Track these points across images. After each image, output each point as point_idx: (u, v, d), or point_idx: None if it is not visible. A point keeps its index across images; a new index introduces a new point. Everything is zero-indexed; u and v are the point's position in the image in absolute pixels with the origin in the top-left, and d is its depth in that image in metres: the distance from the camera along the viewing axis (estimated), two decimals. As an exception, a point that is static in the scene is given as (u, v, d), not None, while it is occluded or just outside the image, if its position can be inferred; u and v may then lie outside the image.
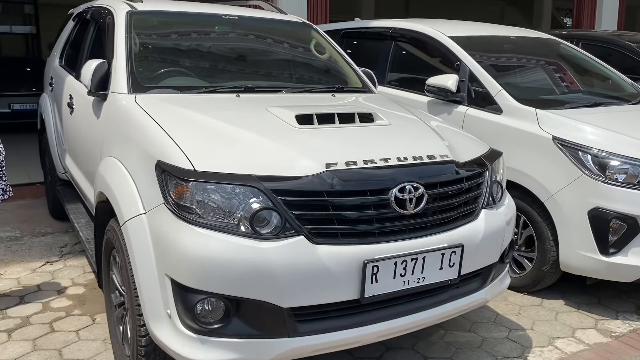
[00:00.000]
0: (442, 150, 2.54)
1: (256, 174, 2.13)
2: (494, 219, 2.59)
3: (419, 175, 2.36)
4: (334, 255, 2.13)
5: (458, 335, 3.22)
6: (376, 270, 2.19)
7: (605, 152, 3.36)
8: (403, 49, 4.94)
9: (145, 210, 2.25)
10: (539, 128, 3.63)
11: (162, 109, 2.66)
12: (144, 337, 2.33)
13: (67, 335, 3.16)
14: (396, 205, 2.27)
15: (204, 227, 2.08)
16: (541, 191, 3.55)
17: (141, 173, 2.35)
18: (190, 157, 2.18)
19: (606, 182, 3.29)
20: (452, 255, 2.37)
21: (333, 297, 2.16)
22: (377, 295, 2.22)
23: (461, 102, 4.17)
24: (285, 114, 2.62)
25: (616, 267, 3.29)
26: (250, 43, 3.64)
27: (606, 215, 3.27)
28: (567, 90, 4.44)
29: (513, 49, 4.68)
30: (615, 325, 3.36)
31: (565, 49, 4.98)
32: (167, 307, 2.15)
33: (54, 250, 4.44)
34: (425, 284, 2.34)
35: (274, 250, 2.06)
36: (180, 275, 2.07)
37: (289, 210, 2.11)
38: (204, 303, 2.07)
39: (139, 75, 3.03)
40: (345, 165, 2.25)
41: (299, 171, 2.19)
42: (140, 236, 2.23)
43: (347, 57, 3.91)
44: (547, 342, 3.14)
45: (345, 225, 2.19)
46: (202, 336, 2.09)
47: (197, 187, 2.10)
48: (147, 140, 2.41)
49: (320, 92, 3.35)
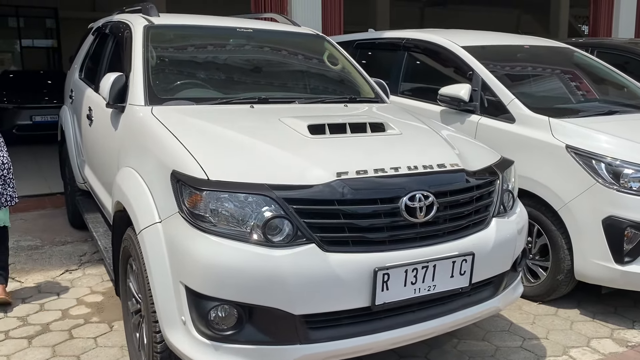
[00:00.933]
0: (452, 159, 2.57)
1: (268, 183, 2.18)
2: (505, 227, 2.60)
3: (430, 184, 2.38)
4: (345, 263, 2.16)
5: (471, 344, 3.22)
6: (387, 278, 2.21)
7: (619, 160, 3.35)
8: (416, 59, 4.98)
9: (161, 219, 2.31)
10: (552, 137, 3.63)
11: (177, 120, 2.73)
12: (159, 344, 2.38)
13: (86, 342, 3.22)
14: (407, 213, 2.29)
15: (218, 235, 2.13)
16: (555, 200, 3.54)
17: (157, 183, 2.41)
18: (204, 167, 2.23)
19: (620, 190, 3.28)
20: (463, 263, 2.39)
21: (344, 304, 2.19)
22: (388, 303, 2.25)
23: (474, 111, 4.18)
24: (297, 124, 2.66)
25: (631, 276, 3.27)
26: (264, 55, 3.71)
27: (621, 224, 3.25)
28: (581, 99, 4.43)
29: (526, 58, 4.69)
30: (631, 335, 3.33)
31: (580, 57, 4.97)
32: (181, 313, 2.19)
33: (73, 259, 4.53)
34: (436, 292, 2.36)
35: (286, 258, 2.10)
36: (194, 283, 2.11)
37: (300, 218, 2.15)
38: (217, 310, 2.12)
39: (156, 88, 3.11)
40: (356, 174, 2.29)
41: (310, 180, 2.23)
42: (155, 244, 2.29)
43: (359, 68, 3.95)
44: (561, 352, 3.13)
45: (356, 233, 2.22)
46: (216, 342, 2.13)
47: (210, 196, 2.15)
48: (163, 151, 2.47)
49: (332, 102, 3.39)
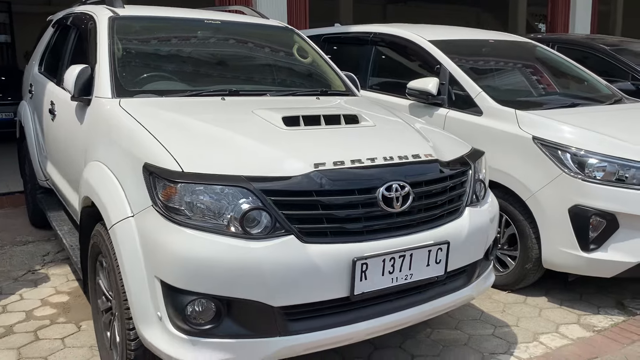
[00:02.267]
0: (426, 150, 2.59)
1: (245, 175, 2.15)
2: (478, 216, 2.64)
3: (405, 174, 2.39)
4: (324, 254, 2.15)
5: (444, 333, 3.26)
6: (365, 267, 2.21)
7: (583, 150, 3.44)
8: (384, 54, 5.00)
9: (133, 213, 2.25)
10: (519, 128, 3.70)
11: (147, 112, 2.67)
12: (133, 341, 2.32)
13: (53, 343, 3.12)
14: (383, 203, 2.30)
15: (194, 228, 2.09)
16: (522, 190, 3.62)
17: (128, 176, 2.35)
18: (178, 159, 2.18)
19: (585, 180, 3.37)
20: (438, 252, 2.41)
21: (323, 295, 2.18)
22: (366, 292, 2.25)
23: (442, 104, 4.23)
24: (271, 116, 2.64)
25: (597, 262, 3.37)
26: (233, 47, 3.66)
27: (586, 212, 3.35)
28: (544, 92, 4.53)
29: (491, 52, 4.77)
30: (597, 320, 3.43)
31: (542, 52, 5.09)
32: (157, 309, 2.14)
33: (36, 259, 4.38)
34: (413, 280, 2.38)
35: (265, 250, 2.07)
36: (170, 277, 2.07)
37: (278, 210, 2.13)
38: (194, 304, 2.08)
39: (123, 80, 3.03)
40: (333, 165, 2.28)
41: (288, 171, 2.21)
42: (128, 239, 2.22)
43: (329, 61, 3.95)
44: (532, 338, 3.20)
45: (335, 224, 2.21)
46: (193, 337, 2.09)
47: (185, 188, 2.11)
48: (133, 143, 2.41)
49: (304, 95, 3.38)
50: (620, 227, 3.33)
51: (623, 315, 3.49)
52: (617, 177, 3.37)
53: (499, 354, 3.03)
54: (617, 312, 3.54)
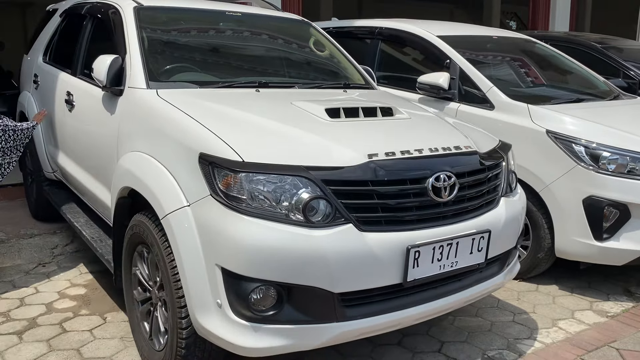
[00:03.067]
0: (465, 142, 2.67)
1: (305, 165, 2.19)
2: (512, 205, 2.74)
3: (451, 165, 2.47)
4: (380, 242, 2.22)
5: (467, 320, 3.36)
6: (417, 255, 2.29)
7: (595, 143, 3.58)
8: (391, 48, 5.07)
9: (189, 203, 2.27)
10: (532, 122, 3.82)
11: (189, 102, 2.68)
12: (185, 329, 2.35)
13: (82, 335, 3.11)
14: (433, 193, 2.37)
15: (256, 216, 2.12)
16: (536, 182, 3.74)
17: (180, 166, 2.36)
18: (237, 149, 2.21)
19: (599, 172, 3.51)
20: (480, 240, 2.50)
21: (379, 281, 2.24)
22: (417, 279, 2.32)
23: (452, 99, 4.33)
24: (314, 108, 2.68)
25: (609, 251, 3.52)
26: (255, 39, 3.68)
27: (600, 203, 3.49)
28: (550, 87, 4.67)
29: (495, 48, 4.89)
30: (608, 307, 3.58)
31: (541, 49, 5.24)
32: (216, 296, 2.17)
33: (45, 252, 4.32)
34: (458, 267, 2.46)
35: (327, 238, 2.12)
36: (234, 264, 2.10)
37: (337, 199, 2.18)
38: (258, 291, 2.11)
39: (155, 70, 3.02)
40: (385, 156, 2.34)
41: (343, 162, 2.26)
42: (185, 228, 2.24)
43: (347, 54, 4.00)
44: (550, 324, 3.33)
45: (389, 213, 2.28)
46: (255, 324, 2.13)
47: (247, 178, 2.14)
48: (184, 134, 2.42)
49: (330, 87, 3.42)
50: (632, 217, 3.48)
51: (632, 302, 3.65)
52: (628, 169, 3.52)
53: (523, 339, 3.15)
54: (626, 298, 3.71)
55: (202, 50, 3.39)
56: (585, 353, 2.98)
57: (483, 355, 2.98)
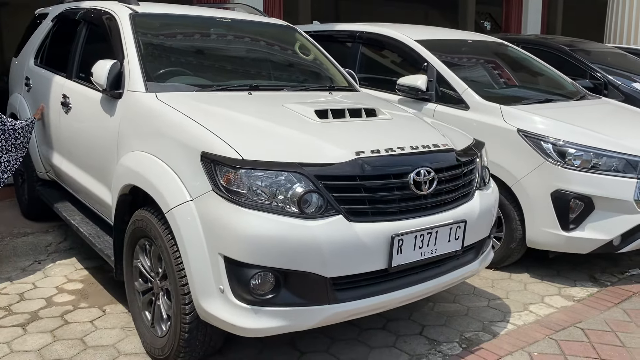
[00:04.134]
0: (442, 140, 2.92)
1: (299, 162, 2.41)
2: (485, 198, 3.00)
3: (430, 161, 2.72)
4: (367, 231, 2.45)
5: (446, 306, 3.61)
6: (401, 243, 2.52)
7: (562, 141, 3.87)
8: (371, 51, 5.32)
9: (192, 198, 2.47)
10: (504, 122, 4.10)
11: (188, 104, 2.87)
12: (188, 315, 2.54)
13: (84, 326, 3.28)
14: (414, 187, 2.61)
15: (255, 209, 2.34)
16: (508, 177, 4.02)
17: (182, 164, 2.56)
18: (236, 148, 2.42)
19: (565, 167, 3.79)
20: (457, 229, 2.74)
21: (366, 267, 2.47)
22: (401, 265, 2.56)
23: (430, 100, 4.58)
24: (304, 110, 2.90)
25: (576, 240, 3.81)
26: (245, 45, 3.88)
27: (566, 196, 3.78)
28: (520, 88, 4.97)
29: (469, 51, 5.17)
30: (575, 292, 3.87)
31: (512, 52, 5.53)
32: (219, 283, 2.38)
33: (40, 249, 4.46)
34: (437, 254, 2.70)
35: (320, 227, 2.35)
36: (236, 253, 2.31)
37: (328, 192, 2.41)
38: (257, 276, 2.33)
39: (151, 74, 3.20)
40: (371, 153, 2.57)
41: (333, 158, 2.49)
42: (189, 221, 2.44)
43: (331, 58, 4.22)
44: (522, 308, 3.60)
45: (375, 205, 2.51)
46: (255, 306, 2.34)
47: (246, 174, 2.35)
48: (185, 134, 2.62)
49: (316, 90, 3.65)
50: (596, 208, 3.78)
51: (596, 287, 3.95)
52: (592, 164, 3.82)
53: (497, 322, 3.41)
54: (591, 284, 4.01)
55: (195, 55, 3.58)
56: (553, 333, 3.25)
57: (460, 336, 3.23)
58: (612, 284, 4.01)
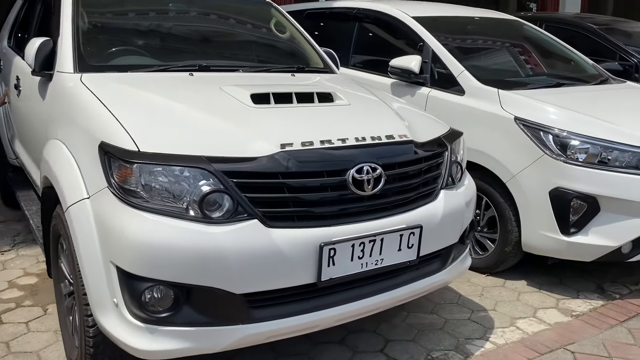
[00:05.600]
0: (400, 131, 2.48)
1: (206, 155, 2.03)
2: (453, 199, 2.55)
3: (377, 156, 2.29)
4: (289, 239, 2.06)
5: (421, 317, 3.19)
6: (333, 253, 2.12)
7: (566, 131, 3.35)
8: (367, 30, 4.86)
9: (89, 195, 2.14)
10: (501, 109, 3.60)
11: (108, 88, 2.54)
12: (91, 328, 2.23)
13: (17, 327, 3.02)
14: (354, 186, 2.20)
15: (151, 211, 1.98)
16: (503, 172, 3.53)
17: (85, 156, 2.23)
18: (135, 138, 2.07)
19: (567, 162, 3.28)
20: (410, 236, 2.32)
21: (289, 281, 2.09)
22: (334, 278, 2.16)
23: (424, 83, 4.12)
24: (240, 93, 2.52)
25: (577, 246, 3.30)
26: (206, 21, 3.51)
27: (567, 195, 3.27)
28: (530, 71, 4.43)
29: (477, 30, 4.65)
30: (575, 305, 3.38)
31: (529, 31, 4.97)
32: (113, 295, 2.04)
33: (6, 239, 4.25)
34: (384, 265, 2.29)
35: (225, 235, 1.97)
36: (126, 263, 1.97)
37: (241, 193, 2.03)
38: (151, 291, 1.98)
39: (87, 55, 2.88)
40: (301, 146, 2.17)
41: (252, 152, 2.10)
42: (83, 222, 2.11)
43: (308, 37, 3.81)
44: (509, 323, 3.14)
45: (301, 207, 2.12)
46: (151, 325, 2.00)
47: (142, 169, 1.99)
48: (91, 121, 2.29)
49: (279, 71, 3.24)
50: (602, 210, 3.26)
51: (602, 300, 3.44)
52: (599, 159, 3.29)
53: (474, 339, 2.97)
54: (597, 296, 3.50)
55: (145, 33, 3.24)
56: (537, 356, 2.79)
57: (427, 356, 2.81)
58: (622, 296, 3.49)
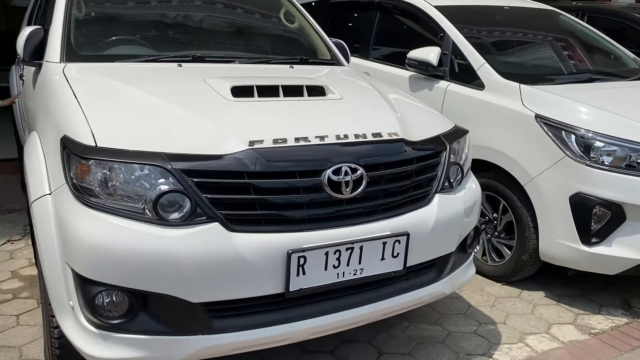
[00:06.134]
0: (391, 128, 2.27)
1: (166, 152, 1.89)
2: (449, 204, 2.32)
3: (359, 155, 2.10)
4: (254, 245, 1.89)
5: (422, 328, 2.98)
6: (303, 261, 1.95)
7: (591, 132, 3.05)
8: (388, 21, 4.62)
9: (51, 191, 2.03)
10: (522, 105, 3.33)
11: (85, 79, 2.43)
12: (56, 329, 2.13)
13: (7, 320, 2.99)
14: (330, 188, 2.01)
15: (106, 211, 1.85)
16: (521, 174, 3.26)
17: (51, 149, 2.13)
18: (96, 133, 1.94)
19: (590, 165, 2.99)
20: (395, 244, 2.12)
21: (253, 291, 1.93)
22: (305, 289, 1.99)
23: (443, 77, 3.87)
24: (220, 86, 2.36)
25: (599, 258, 3.01)
26: (208, 10, 3.37)
27: (589, 202, 2.98)
28: (561, 65, 4.09)
29: (505, 21, 4.34)
30: (596, 321, 3.08)
31: (565, 21, 4.62)
32: (69, 298, 1.94)
33: (18, 228, 4.27)
34: (364, 276, 2.10)
35: (181, 239, 1.82)
36: (77, 264, 1.85)
37: (202, 193, 1.87)
38: (104, 296, 1.86)
39: (77, 44, 2.79)
40: (273, 143, 2.00)
41: (219, 149, 1.94)
42: (44, 219, 2.01)
43: (317, 27, 3.62)
44: (517, 339, 2.89)
45: (269, 210, 1.95)
46: (104, 332, 1.88)
47: (98, 165, 1.87)
48: (59, 113, 2.18)
49: (279, 63, 3.07)
50: (628, 219, 2.96)
51: (627, 317, 3.13)
52: (627, 163, 2.98)
53: (476, 355, 2.74)
54: (622, 312, 3.19)
55: (143, 23, 3.12)
56: (542, 379, 2.55)
57: (421, 372, 2.61)
58: (650, 314, 3.18)
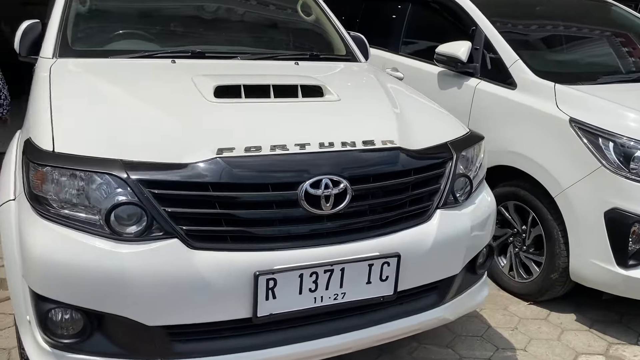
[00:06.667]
0: (387, 135, 2.03)
1: (123, 159, 1.73)
2: (452, 221, 2.06)
3: (344, 166, 1.87)
4: (218, 265, 1.71)
5: (432, 350, 2.72)
6: (273, 284, 1.75)
7: (633, 140, 2.70)
8: (418, 14, 4.33)
9: (15, 196, 1.92)
10: (556, 107, 3.00)
11: (69, 77, 2.31)
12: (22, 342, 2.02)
13: (4, 320, 2.94)
14: (307, 203, 1.80)
15: (60, 223, 1.71)
16: (552, 184, 2.94)
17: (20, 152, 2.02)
18: (56, 137, 1.81)
19: (629, 177, 2.64)
20: (384, 266, 1.89)
21: (217, 315, 1.75)
22: (275, 314, 1.79)
23: (473, 74, 3.56)
24: (204, 85, 2.19)
25: (636, 283, 2.66)
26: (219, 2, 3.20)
27: (627, 219, 2.64)
28: (607, 62, 3.69)
29: (547, 13, 3.97)
30: (631, 353, 2.74)
31: (617, 13, 4.19)
32: (27, 312, 1.82)
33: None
34: (347, 300, 1.88)
35: (135, 255, 1.66)
36: (30, 278, 1.73)
37: (160, 206, 1.70)
38: (56, 314, 1.72)
39: (74, 39, 2.68)
40: (244, 152, 1.80)
41: (184, 158, 1.77)
42: (7, 226, 1.90)
43: (334, 20, 3.39)
44: (537, 369, 2.60)
45: (236, 226, 1.76)
46: (57, 351, 1.75)
47: (52, 172, 1.73)
48: (33, 114, 2.07)
49: (284, 59, 2.87)
50: (671, 240, 2.60)
51: (669, 350, 2.77)
52: (674, 176, 2.62)
53: (487, 387, 2.47)
54: (663, 344, 2.83)
55: (146, 18, 2.97)
56: (560, 419, 2.25)
57: (421, 403, 2.36)
58: (697, 347, 2.80)
